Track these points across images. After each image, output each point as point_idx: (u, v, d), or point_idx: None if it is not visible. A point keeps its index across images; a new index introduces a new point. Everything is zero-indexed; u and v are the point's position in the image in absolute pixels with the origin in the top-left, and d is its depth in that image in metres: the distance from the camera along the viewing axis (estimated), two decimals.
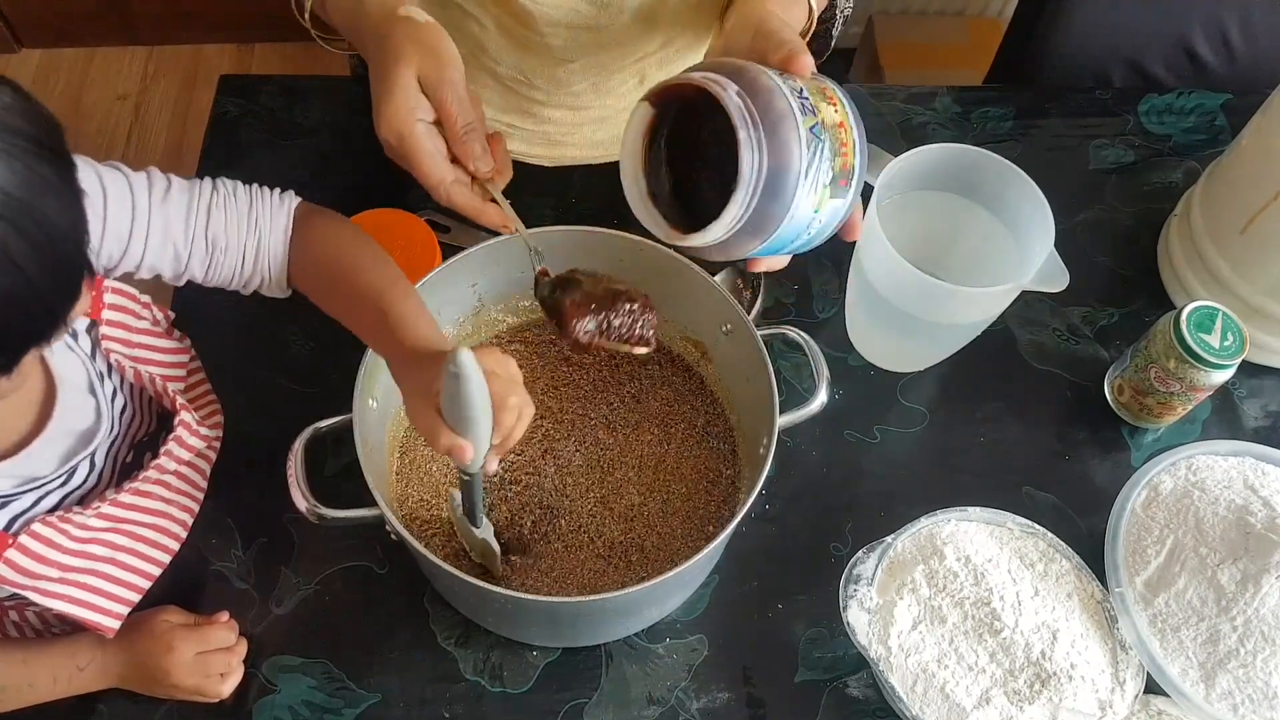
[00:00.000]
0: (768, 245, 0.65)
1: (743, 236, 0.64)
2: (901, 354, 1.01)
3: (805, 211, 0.63)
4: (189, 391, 0.88)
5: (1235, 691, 0.82)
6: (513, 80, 0.98)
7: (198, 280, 0.77)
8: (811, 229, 0.65)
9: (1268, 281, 0.98)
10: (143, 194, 0.72)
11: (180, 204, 0.73)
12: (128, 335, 0.79)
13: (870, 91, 1.20)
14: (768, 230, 0.63)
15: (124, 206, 0.71)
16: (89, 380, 0.77)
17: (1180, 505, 0.88)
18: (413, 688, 0.85)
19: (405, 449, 0.90)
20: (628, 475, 0.90)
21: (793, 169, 0.61)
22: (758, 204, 0.62)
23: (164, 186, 0.73)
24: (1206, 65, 1.28)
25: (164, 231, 0.72)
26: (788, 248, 0.67)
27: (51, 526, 0.74)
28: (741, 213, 0.62)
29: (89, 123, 2.22)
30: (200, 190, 0.75)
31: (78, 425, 0.76)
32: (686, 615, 0.89)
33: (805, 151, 0.61)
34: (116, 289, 0.77)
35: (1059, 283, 0.83)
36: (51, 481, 0.75)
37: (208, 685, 0.82)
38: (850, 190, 0.66)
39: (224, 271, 0.77)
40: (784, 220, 0.63)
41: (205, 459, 0.89)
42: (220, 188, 0.76)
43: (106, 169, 0.71)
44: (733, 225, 0.63)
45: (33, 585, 0.74)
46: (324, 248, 0.78)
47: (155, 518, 0.83)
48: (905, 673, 0.83)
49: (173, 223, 0.73)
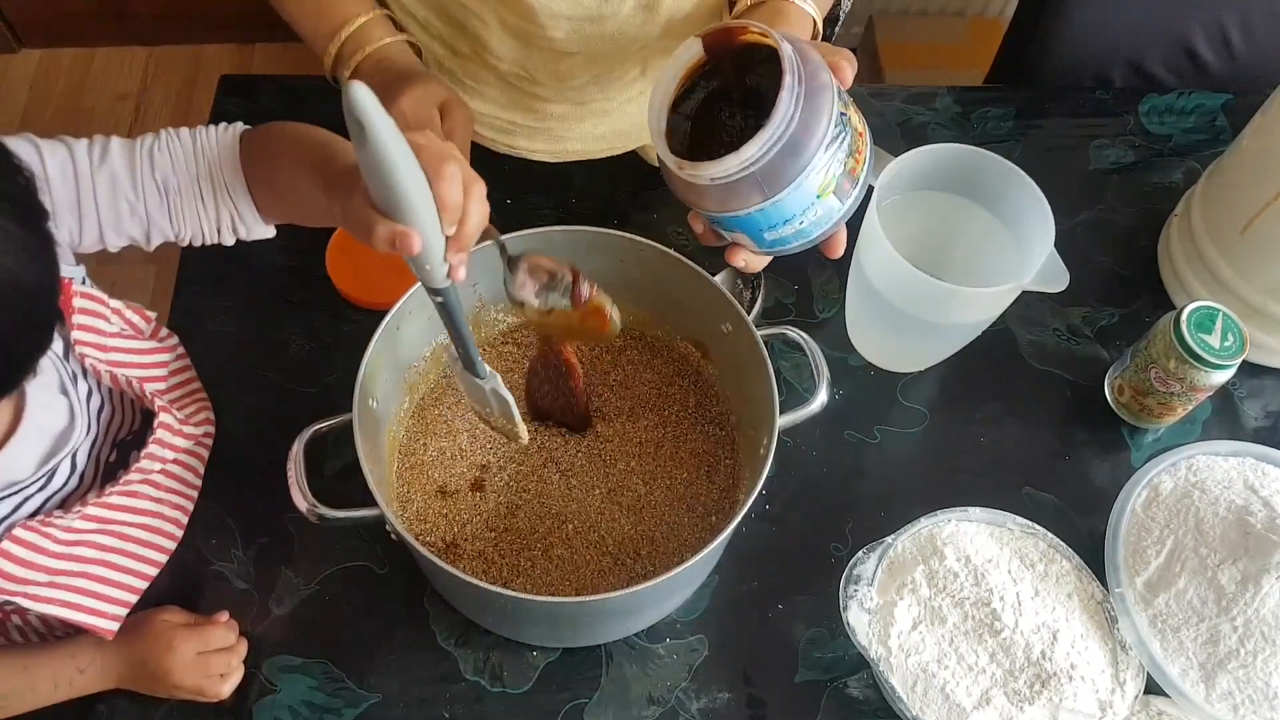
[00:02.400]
0: (764, 210, 0.66)
1: (749, 185, 0.65)
2: (901, 354, 1.01)
3: (810, 189, 0.65)
4: (172, 391, 0.87)
5: (1235, 692, 0.82)
6: (515, 76, 0.98)
7: (170, 235, 0.74)
8: (804, 219, 0.66)
9: (1268, 281, 0.98)
10: (83, 158, 0.71)
11: (122, 157, 0.72)
12: (100, 339, 0.78)
13: (870, 91, 1.20)
14: (775, 186, 0.65)
15: (66, 175, 0.70)
16: (60, 381, 0.76)
17: (1180, 505, 0.88)
18: (413, 688, 0.85)
19: (406, 449, 0.90)
20: (630, 465, 0.90)
21: (818, 134, 0.64)
22: (777, 153, 0.64)
23: (103, 145, 0.72)
24: (1207, 65, 1.28)
25: (111, 187, 0.71)
26: (776, 231, 0.67)
27: (34, 531, 0.74)
28: (760, 153, 0.64)
29: (89, 123, 2.21)
30: (142, 140, 0.73)
31: (51, 426, 0.75)
32: (686, 615, 0.89)
33: (832, 128, 0.64)
34: (85, 294, 0.76)
35: (1059, 283, 0.83)
36: (31, 485, 0.75)
37: (208, 685, 0.82)
38: (849, 199, 0.67)
39: (187, 215, 0.74)
40: (793, 183, 0.64)
41: (196, 456, 0.88)
42: (162, 134, 0.74)
43: (48, 143, 0.70)
44: (746, 164, 0.64)
45: (21, 591, 0.74)
46: (274, 144, 0.74)
47: (145, 517, 0.83)
48: (905, 673, 0.83)
49: (119, 176, 0.71)
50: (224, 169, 0.73)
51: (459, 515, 0.87)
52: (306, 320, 1.00)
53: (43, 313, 0.59)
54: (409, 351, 0.88)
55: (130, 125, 2.22)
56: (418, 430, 0.90)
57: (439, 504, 0.87)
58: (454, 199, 0.57)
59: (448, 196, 0.56)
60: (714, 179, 0.66)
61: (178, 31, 2.31)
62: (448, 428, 0.91)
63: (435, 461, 0.89)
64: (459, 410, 0.91)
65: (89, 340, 0.77)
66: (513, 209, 1.08)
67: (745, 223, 0.68)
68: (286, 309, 1.01)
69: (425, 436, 0.90)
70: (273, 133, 0.75)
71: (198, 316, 1.00)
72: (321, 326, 1.00)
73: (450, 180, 0.56)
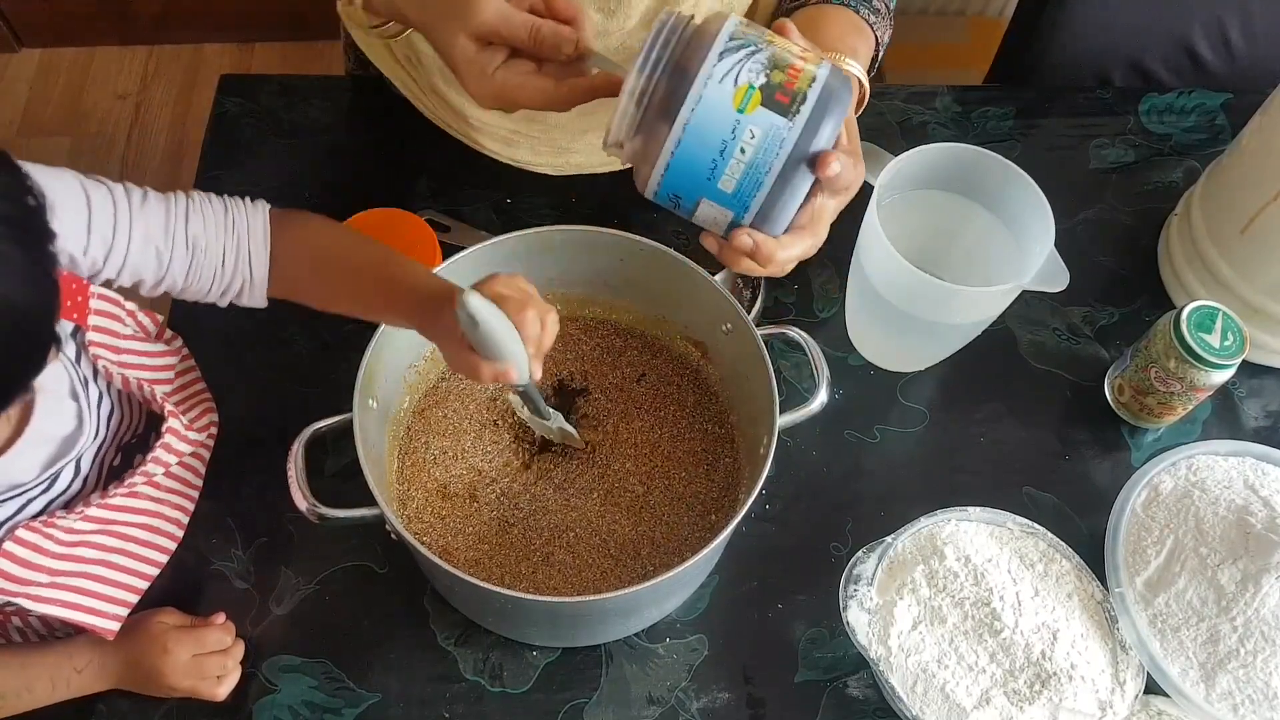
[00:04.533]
0: (685, 145, 0.63)
1: (656, 118, 0.63)
2: (901, 354, 1.01)
3: (723, 101, 0.62)
4: (178, 393, 0.88)
5: (1235, 692, 0.82)
6: None
7: (178, 287, 0.76)
8: (742, 143, 0.63)
9: (1268, 281, 0.98)
10: (123, 200, 0.72)
11: (158, 209, 0.73)
12: (114, 341, 0.78)
13: (870, 91, 1.20)
14: (674, 108, 0.62)
15: (106, 210, 0.71)
16: (71, 385, 0.76)
17: (1180, 505, 0.88)
18: (413, 688, 0.85)
19: (406, 449, 0.90)
20: (625, 466, 0.90)
21: (705, 44, 0.63)
22: (663, 76, 0.63)
23: (141, 194, 0.74)
24: (1207, 65, 1.28)
25: (145, 234, 0.72)
26: (725, 176, 0.64)
27: (36, 532, 0.74)
28: (643, 83, 0.63)
29: (89, 123, 2.21)
30: (176, 197, 0.75)
31: (58, 431, 0.76)
32: (686, 615, 0.89)
33: (725, 39, 0.63)
34: (102, 295, 0.77)
35: (1059, 283, 0.83)
36: (34, 488, 0.75)
37: (203, 688, 0.81)
38: (795, 114, 0.63)
39: (204, 274, 0.76)
40: (691, 101, 0.62)
41: (198, 458, 0.89)
42: (195, 196, 0.76)
43: (89, 180, 0.72)
44: (635, 92, 0.63)
45: (22, 592, 0.74)
46: (313, 238, 0.79)
47: (146, 518, 0.83)
48: (905, 673, 0.83)
49: (153, 225, 0.73)
50: (252, 245, 0.76)
51: (459, 517, 0.87)
52: (307, 320, 1.00)
53: (36, 334, 0.58)
54: (409, 351, 0.88)
55: (130, 125, 2.22)
56: (418, 430, 0.90)
57: (439, 504, 0.87)
58: (534, 333, 0.68)
59: (531, 333, 0.68)
60: (618, 122, 0.64)
61: (178, 31, 2.31)
62: (448, 428, 0.91)
63: (435, 461, 0.89)
64: (459, 410, 0.91)
65: (103, 342, 0.77)
66: (513, 208, 1.08)
67: (688, 177, 0.65)
68: (287, 309, 1.01)
69: (425, 436, 0.90)
70: (313, 234, 0.79)
71: (198, 317, 1.00)
72: (322, 326, 1.00)
73: (531, 322, 0.68)
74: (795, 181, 0.65)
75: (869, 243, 0.89)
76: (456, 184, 1.09)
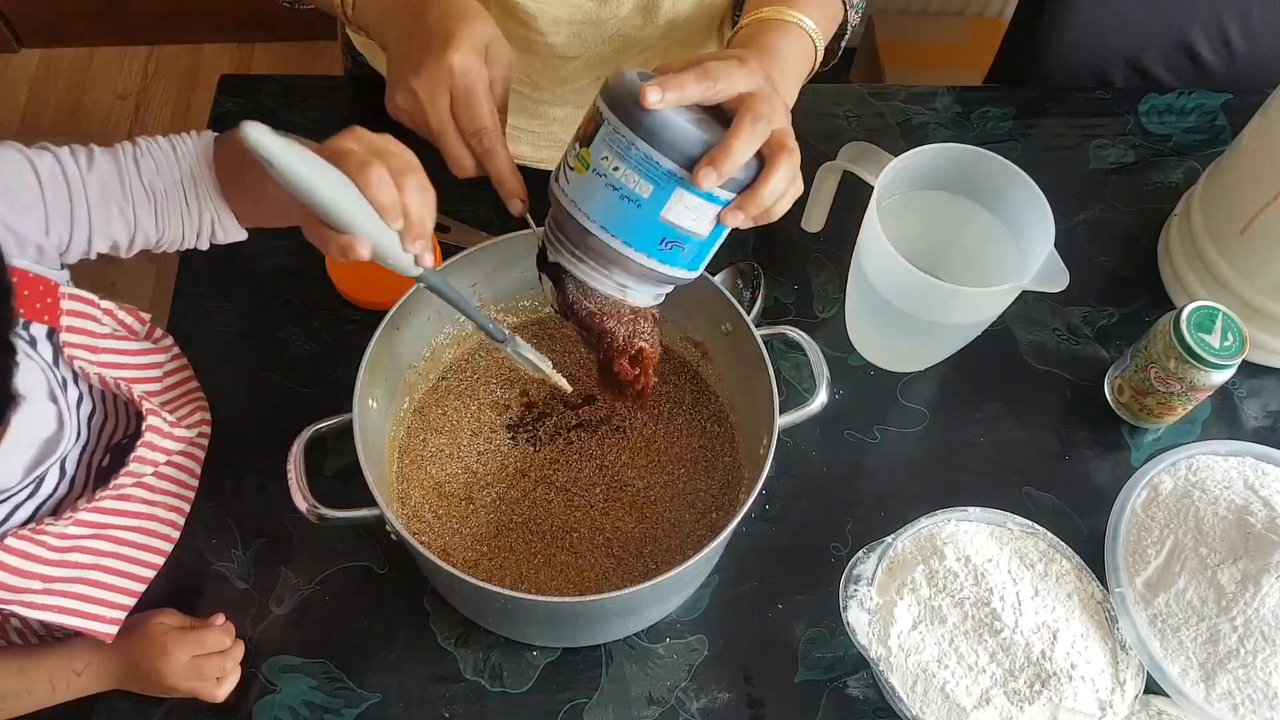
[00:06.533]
0: (613, 227, 0.67)
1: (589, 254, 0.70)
2: (901, 354, 1.01)
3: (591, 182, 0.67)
4: (167, 392, 0.87)
5: (1235, 692, 0.82)
6: (516, 82, 0.98)
7: (153, 239, 0.75)
8: (624, 188, 0.65)
9: (1268, 281, 0.98)
10: (70, 163, 0.71)
11: (108, 164, 0.73)
12: (91, 341, 0.77)
13: (870, 91, 1.20)
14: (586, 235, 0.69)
15: (57, 179, 0.70)
16: (49, 388, 0.75)
17: (1180, 505, 0.88)
18: (413, 688, 0.85)
19: (405, 449, 0.90)
20: (621, 458, 0.90)
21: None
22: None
23: (86, 154, 0.73)
24: (1206, 65, 1.28)
25: (101, 193, 0.71)
26: (639, 200, 0.65)
27: (27, 539, 0.73)
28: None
29: (89, 123, 2.21)
30: (123, 147, 0.74)
31: (38, 434, 0.75)
32: (686, 615, 0.89)
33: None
34: (74, 295, 0.76)
35: (1059, 283, 0.83)
36: (19, 492, 0.74)
37: (203, 689, 0.81)
38: (609, 119, 0.64)
39: (172, 219, 0.74)
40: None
41: (191, 458, 0.88)
42: (140, 141, 0.75)
43: (34, 152, 0.71)
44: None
45: (17, 599, 0.74)
46: (242, 152, 0.73)
47: (140, 520, 0.83)
48: (905, 673, 0.83)
49: (108, 182, 0.72)
50: (204, 175, 0.74)
51: (459, 517, 0.87)
52: (306, 320, 1.00)
53: None
54: (409, 351, 0.88)
55: (130, 125, 2.22)
56: (418, 430, 0.90)
57: (439, 504, 0.87)
58: (386, 199, 0.58)
59: (379, 199, 0.58)
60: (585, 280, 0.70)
61: (178, 31, 2.31)
62: (448, 427, 0.91)
63: (435, 462, 0.89)
64: (459, 410, 0.91)
65: (79, 342, 0.76)
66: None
67: (644, 226, 0.66)
68: (287, 309, 1.01)
69: (425, 436, 0.90)
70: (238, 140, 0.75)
71: (198, 317, 1.00)
72: (321, 326, 1.00)
73: (377, 184, 0.57)
74: (687, 135, 0.63)
75: (869, 243, 0.89)
76: (456, 183, 1.09)
